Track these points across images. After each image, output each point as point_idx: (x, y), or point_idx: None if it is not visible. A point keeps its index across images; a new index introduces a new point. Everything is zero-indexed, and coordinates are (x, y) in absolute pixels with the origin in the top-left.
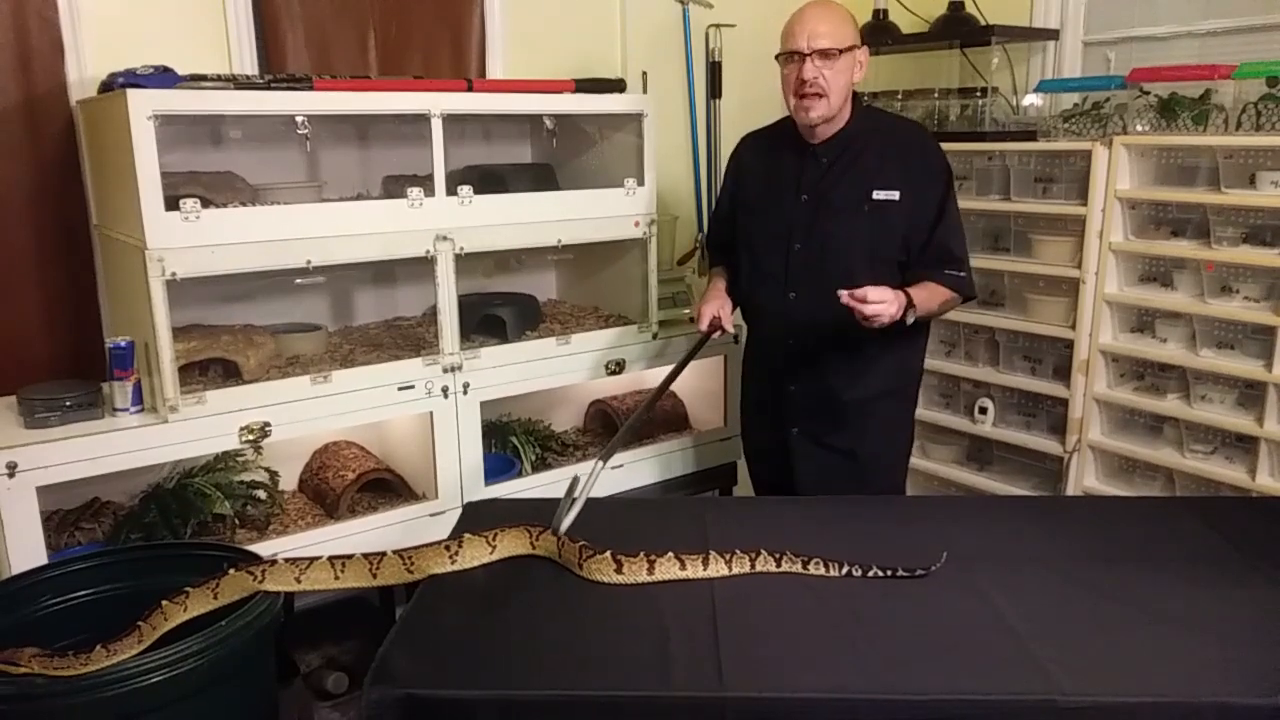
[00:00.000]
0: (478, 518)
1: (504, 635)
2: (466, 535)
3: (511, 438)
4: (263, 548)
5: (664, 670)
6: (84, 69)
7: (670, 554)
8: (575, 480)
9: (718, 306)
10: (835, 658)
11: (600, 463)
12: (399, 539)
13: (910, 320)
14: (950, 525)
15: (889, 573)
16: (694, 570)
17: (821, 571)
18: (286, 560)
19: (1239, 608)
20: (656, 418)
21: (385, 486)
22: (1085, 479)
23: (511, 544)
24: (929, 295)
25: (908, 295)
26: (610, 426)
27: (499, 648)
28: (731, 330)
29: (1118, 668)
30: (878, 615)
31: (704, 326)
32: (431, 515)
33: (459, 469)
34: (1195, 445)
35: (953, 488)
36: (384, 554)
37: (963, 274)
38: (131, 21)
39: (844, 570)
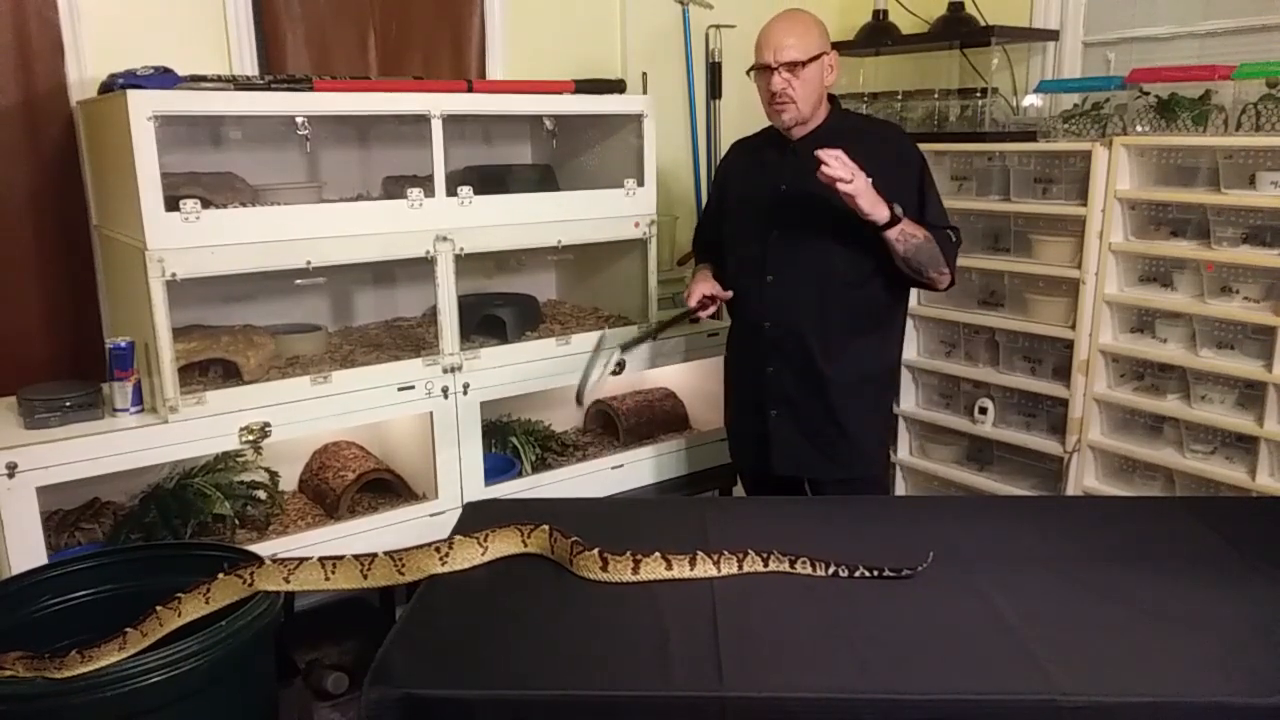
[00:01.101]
0: (477, 518)
1: (504, 635)
2: (457, 537)
3: (511, 438)
4: (263, 548)
5: (664, 670)
6: (84, 69)
7: (657, 554)
8: (597, 347)
9: (709, 287)
10: (835, 658)
11: (620, 350)
12: (399, 539)
13: (892, 228)
14: (950, 525)
15: (875, 573)
16: (680, 570)
17: (808, 571)
18: (275, 561)
19: (1239, 608)
20: (656, 418)
21: (385, 487)
22: (1085, 479)
23: (503, 544)
24: (914, 223)
25: (892, 205)
26: (610, 426)
27: (498, 648)
28: (724, 295)
29: (1117, 668)
30: (877, 615)
31: (693, 302)
32: (431, 515)
33: (459, 469)
34: (1195, 445)
35: (953, 488)
36: (375, 555)
37: (952, 236)
38: (131, 22)
39: (830, 570)
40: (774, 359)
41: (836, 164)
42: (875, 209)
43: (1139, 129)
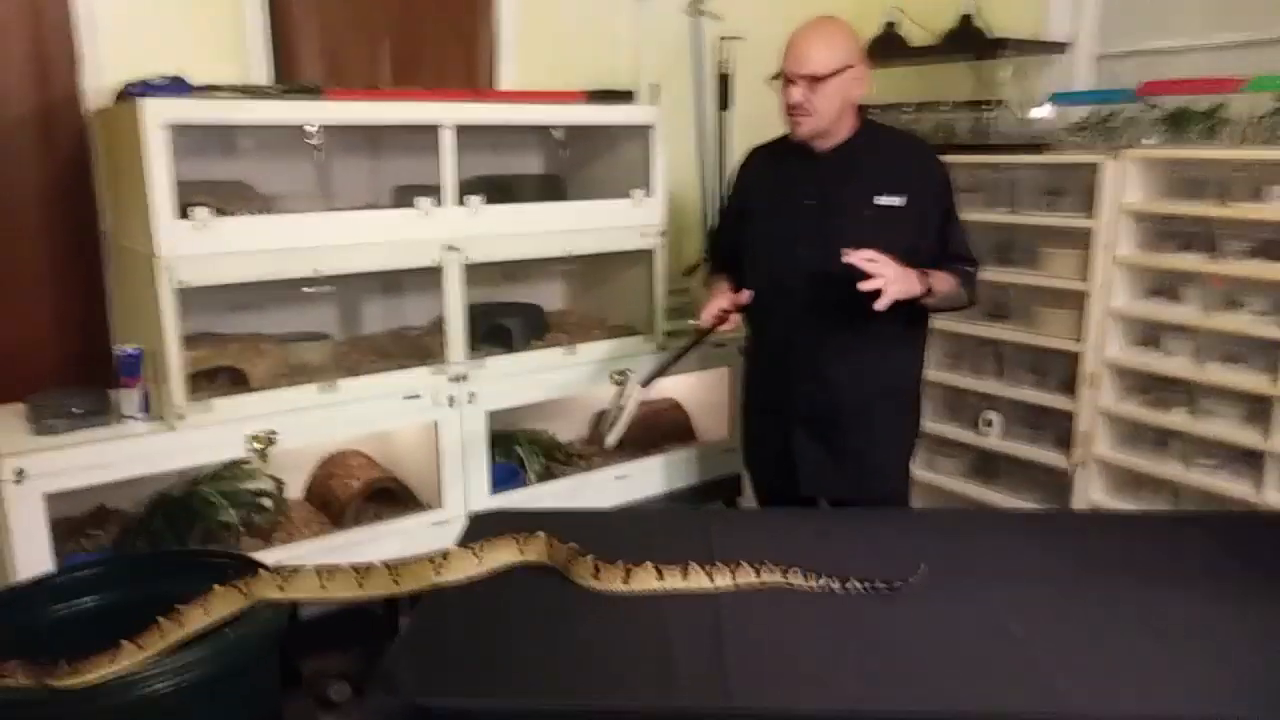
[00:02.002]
0: (483, 527)
1: (507, 645)
2: (452, 549)
3: (517, 447)
4: (268, 556)
5: (668, 682)
6: (99, 78)
7: (649, 564)
8: (619, 393)
9: (725, 301)
10: (841, 672)
11: (640, 384)
12: (404, 548)
13: (927, 296)
14: (956, 538)
15: (866, 585)
16: (672, 581)
17: (799, 582)
18: (269, 571)
19: (1244, 623)
20: (661, 428)
21: (391, 496)
22: (1091, 493)
23: (499, 555)
24: (945, 280)
25: (922, 273)
26: None
27: (502, 658)
28: (742, 299)
29: (1123, 682)
30: (883, 629)
31: (706, 319)
32: (436, 524)
33: (464, 479)
34: (1201, 459)
35: (958, 500)
36: (371, 565)
37: (973, 271)
38: (146, 31)
39: (821, 582)
40: (800, 379)
41: (873, 268)
42: (910, 291)
43: (1147, 141)
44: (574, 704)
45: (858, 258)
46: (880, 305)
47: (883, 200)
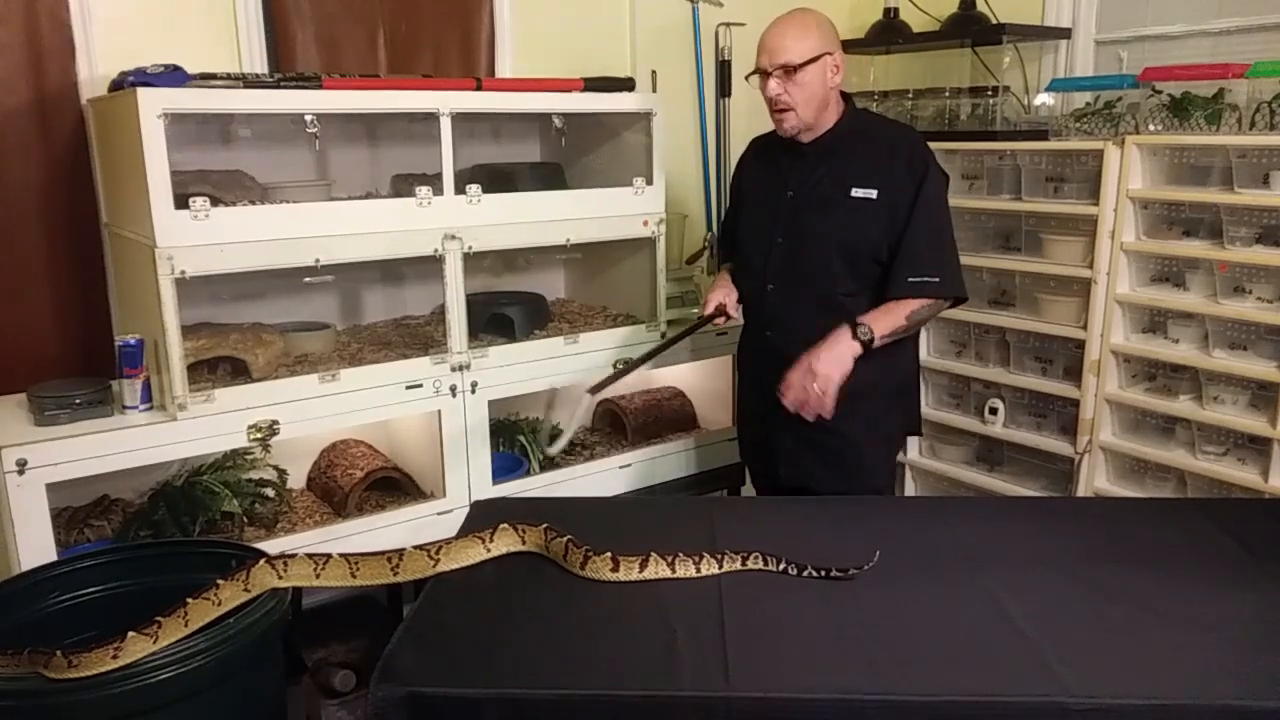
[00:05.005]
0: (484, 516)
1: (510, 634)
2: (409, 549)
3: (519, 436)
4: (270, 545)
5: (670, 669)
6: (95, 68)
7: (607, 554)
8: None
9: (725, 294)
10: (843, 659)
11: (589, 395)
12: (407, 537)
13: (874, 342)
14: (960, 526)
15: (823, 573)
16: (627, 573)
17: (759, 567)
18: (228, 580)
19: (1250, 610)
20: (665, 417)
21: (393, 485)
22: (1096, 480)
23: (459, 555)
24: (891, 317)
25: (853, 325)
26: (618, 425)
27: (505, 646)
28: (736, 317)
29: (1127, 670)
30: (885, 616)
31: (710, 309)
32: (439, 514)
33: (467, 467)
34: (1207, 447)
35: (963, 488)
36: (329, 556)
37: (933, 278)
38: (142, 20)
39: (780, 567)
40: (777, 369)
41: (791, 395)
42: (844, 368)
43: (1151, 128)
44: (576, 692)
45: (791, 399)
46: (829, 413)
47: (858, 193)
